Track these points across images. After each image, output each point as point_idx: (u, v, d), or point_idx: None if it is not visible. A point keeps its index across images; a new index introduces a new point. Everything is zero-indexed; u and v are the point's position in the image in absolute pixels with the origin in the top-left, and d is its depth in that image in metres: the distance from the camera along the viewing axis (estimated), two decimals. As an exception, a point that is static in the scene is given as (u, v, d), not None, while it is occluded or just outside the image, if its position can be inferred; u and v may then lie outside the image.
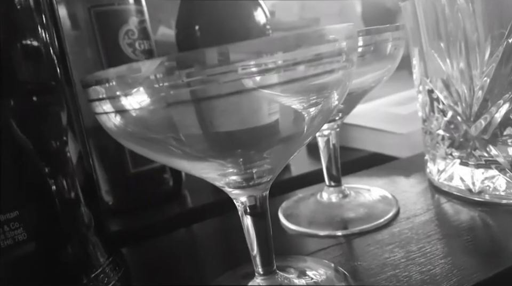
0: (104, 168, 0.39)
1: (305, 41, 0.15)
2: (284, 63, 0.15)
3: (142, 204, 0.40)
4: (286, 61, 0.15)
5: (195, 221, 0.37)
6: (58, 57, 0.22)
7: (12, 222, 0.18)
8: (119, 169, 0.39)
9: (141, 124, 0.18)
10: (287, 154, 0.21)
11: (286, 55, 0.15)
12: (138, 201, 0.40)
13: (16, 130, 0.19)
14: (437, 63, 0.30)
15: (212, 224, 0.36)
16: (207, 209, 0.41)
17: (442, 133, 0.31)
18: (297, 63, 0.15)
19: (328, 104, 0.19)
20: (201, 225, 0.36)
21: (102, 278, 0.22)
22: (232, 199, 0.41)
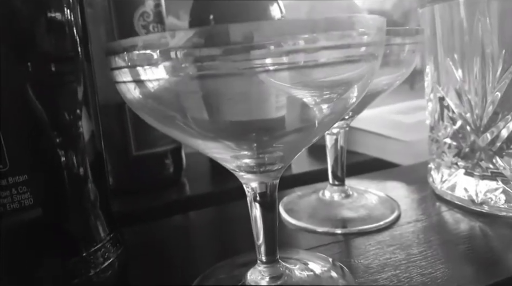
0: (107, 149, 0.39)
1: (334, 27, 0.15)
2: (308, 46, 0.15)
3: (141, 187, 0.40)
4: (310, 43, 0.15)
5: (192, 209, 0.37)
6: (80, 33, 0.21)
7: (20, 185, 0.18)
8: (122, 150, 0.39)
9: (157, 98, 0.18)
10: (299, 145, 0.21)
11: (312, 37, 0.15)
12: (138, 184, 0.40)
13: (31, 96, 0.19)
14: (451, 72, 0.30)
15: (209, 213, 0.36)
16: (205, 199, 0.41)
17: (449, 141, 0.31)
18: (325, 47, 0.15)
19: (345, 100, 0.19)
20: (198, 213, 0.36)
21: (101, 253, 0.22)
22: (229, 191, 0.41)
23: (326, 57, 0.16)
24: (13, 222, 0.18)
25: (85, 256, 0.21)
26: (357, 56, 0.16)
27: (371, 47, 0.17)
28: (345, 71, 0.17)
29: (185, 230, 0.34)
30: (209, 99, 0.18)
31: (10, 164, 0.18)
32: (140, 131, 0.39)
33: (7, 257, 0.18)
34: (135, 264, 0.26)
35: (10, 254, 0.19)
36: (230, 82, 0.16)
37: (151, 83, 0.17)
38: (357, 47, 0.16)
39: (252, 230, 0.21)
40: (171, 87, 0.17)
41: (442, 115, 0.31)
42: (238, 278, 0.22)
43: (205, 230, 0.34)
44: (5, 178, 0.18)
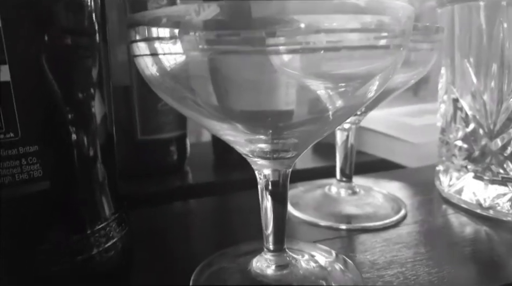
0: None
1: (364, 10, 0.15)
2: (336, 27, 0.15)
3: (144, 172, 0.40)
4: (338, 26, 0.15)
5: (193, 197, 0.37)
6: (98, 11, 0.21)
7: (30, 156, 0.18)
8: (127, 134, 0.39)
9: (173, 76, 0.17)
10: (314, 134, 0.21)
11: (340, 17, 0.15)
12: (140, 169, 0.40)
13: (46, 68, 0.18)
14: (468, 74, 0.29)
15: (211, 202, 0.36)
16: (206, 188, 0.41)
17: (460, 144, 0.31)
18: (352, 29, 0.15)
19: (363, 94, 0.19)
20: (199, 201, 0.36)
21: (105, 232, 0.22)
22: (231, 183, 0.41)
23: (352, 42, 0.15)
24: (21, 193, 0.18)
25: (89, 234, 0.21)
26: (384, 45, 0.16)
27: (398, 38, 0.16)
28: (368, 61, 0.17)
29: (187, 217, 0.34)
30: (223, 82, 0.17)
31: (22, 133, 0.17)
32: (146, 115, 0.39)
33: (11, 228, 0.18)
34: (138, 247, 0.25)
35: (15, 225, 0.18)
36: (245, 64, 0.16)
37: (168, 60, 0.17)
38: (387, 31, 0.16)
39: (253, 220, 0.21)
40: (187, 66, 0.17)
41: (455, 117, 0.31)
42: (242, 265, 0.22)
43: (207, 218, 0.33)
44: (16, 147, 0.17)
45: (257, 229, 0.28)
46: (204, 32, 0.15)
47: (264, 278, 0.20)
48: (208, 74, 0.17)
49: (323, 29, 0.14)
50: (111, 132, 0.23)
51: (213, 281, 0.21)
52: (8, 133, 0.17)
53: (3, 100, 0.17)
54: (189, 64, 0.17)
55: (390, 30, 0.16)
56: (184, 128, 0.43)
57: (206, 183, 0.42)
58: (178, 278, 0.22)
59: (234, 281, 0.20)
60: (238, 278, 0.21)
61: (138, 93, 0.38)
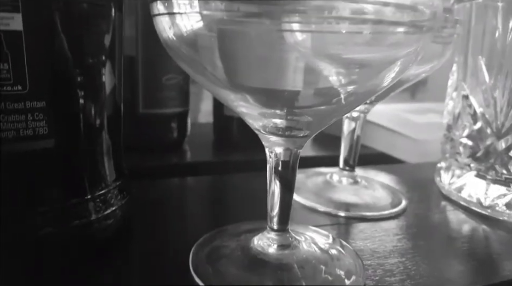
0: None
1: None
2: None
3: (142, 146, 0.39)
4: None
5: (189, 175, 0.37)
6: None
7: (36, 112, 0.17)
8: (129, 106, 0.38)
9: (188, 42, 0.17)
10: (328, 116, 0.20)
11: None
12: (139, 142, 0.39)
13: (59, 26, 0.17)
14: (481, 72, 0.29)
15: (207, 181, 0.36)
16: (204, 167, 0.40)
17: (465, 141, 0.31)
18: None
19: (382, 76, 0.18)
20: (196, 179, 0.36)
21: (106, 198, 0.21)
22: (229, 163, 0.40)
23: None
24: (23, 149, 0.17)
25: (89, 198, 0.20)
26: (417, 27, 0.16)
27: (429, 20, 0.16)
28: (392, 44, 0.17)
29: (184, 192, 0.34)
30: (236, 55, 0.17)
31: (30, 87, 0.17)
32: (150, 89, 0.38)
33: (9, 184, 0.18)
34: (136, 217, 0.25)
35: (13, 182, 0.18)
36: (259, 39, 0.16)
37: (185, 24, 0.17)
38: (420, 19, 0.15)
39: (249, 200, 0.20)
40: (202, 31, 0.16)
41: (463, 114, 0.31)
42: (243, 242, 0.21)
43: (203, 196, 0.33)
44: (23, 101, 0.17)
45: (253, 209, 0.28)
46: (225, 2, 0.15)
47: (265, 256, 0.20)
48: (225, 45, 0.17)
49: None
50: (119, 103, 0.22)
51: (213, 256, 0.20)
52: (16, 85, 0.16)
53: (13, 50, 0.16)
54: (204, 30, 0.16)
55: (421, 10, 0.15)
56: (186, 105, 0.42)
57: (204, 162, 0.41)
58: (177, 250, 0.21)
59: (235, 257, 0.20)
60: (239, 255, 0.20)
61: (143, 65, 0.37)
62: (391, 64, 0.18)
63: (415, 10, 0.15)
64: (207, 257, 0.20)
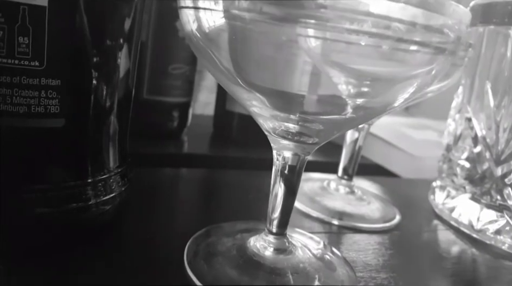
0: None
1: (429, 7, 0.14)
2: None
3: (141, 132, 0.39)
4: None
5: (184, 166, 0.37)
6: None
7: (50, 89, 0.17)
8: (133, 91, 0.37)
9: (209, 38, 0.17)
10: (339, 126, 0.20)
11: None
12: (138, 128, 0.38)
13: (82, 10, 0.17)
14: (487, 96, 0.30)
15: (202, 174, 0.35)
16: (199, 159, 0.40)
17: (463, 163, 0.31)
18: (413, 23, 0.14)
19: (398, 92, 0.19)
20: (191, 171, 0.35)
21: (107, 184, 0.21)
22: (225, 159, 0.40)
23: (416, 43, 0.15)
24: (32, 125, 0.17)
25: (90, 182, 0.20)
26: (440, 49, 0.16)
27: (453, 44, 0.16)
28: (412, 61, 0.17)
29: (179, 184, 0.33)
30: (254, 54, 0.17)
31: (47, 64, 0.16)
32: (155, 76, 0.38)
33: (13, 158, 0.17)
34: (132, 206, 0.25)
35: (18, 156, 0.17)
36: (275, 40, 0.16)
37: (207, 19, 0.17)
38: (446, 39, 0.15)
39: (241, 198, 0.20)
40: (223, 28, 0.16)
41: (464, 136, 0.31)
42: (239, 241, 0.21)
43: (197, 188, 0.33)
44: (38, 77, 0.16)
45: (246, 208, 0.28)
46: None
47: (260, 258, 0.20)
48: (243, 43, 0.17)
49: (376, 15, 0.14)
50: (131, 88, 0.22)
51: (209, 253, 0.20)
52: (33, 60, 0.16)
53: (35, 25, 0.16)
54: (225, 27, 0.16)
55: (445, 33, 0.15)
56: (190, 96, 0.42)
57: (200, 155, 0.41)
58: (171, 242, 0.21)
59: (230, 256, 0.20)
60: (234, 254, 0.20)
61: (152, 51, 0.37)
62: (407, 84, 0.18)
63: (441, 33, 0.15)
64: (202, 253, 0.20)
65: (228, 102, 0.43)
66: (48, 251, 0.19)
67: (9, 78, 0.16)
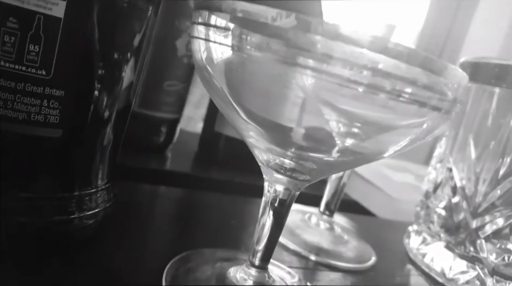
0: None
1: (429, 65, 0.15)
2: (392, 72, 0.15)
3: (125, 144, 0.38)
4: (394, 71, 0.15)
5: (164, 183, 0.36)
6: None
7: (53, 99, 0.17)
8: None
9: (214, 66, 0.18)
10: (330, 167, 0.21)
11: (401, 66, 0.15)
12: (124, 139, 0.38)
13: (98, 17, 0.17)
14: (469, 150, 0.31)
15: (183, 194, 0.35)
16: (181, 178, 0.40)
17: (440, 211, 0.32)
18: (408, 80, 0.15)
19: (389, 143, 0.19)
20: (173, 190, 0.35)
21: (93, 198, 0.21)
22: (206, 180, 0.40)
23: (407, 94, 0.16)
24: (29, 133, 0.17)
25: (77, 195, 0.20)
26: (437, 108, 0.16)
27: (449, 103, 0.17)
28: (407, 116, 0.17)
29: (159, 202, 0.33)
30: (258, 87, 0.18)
31: (54, 74, 0.16)
32: (149, 90, 0.38)
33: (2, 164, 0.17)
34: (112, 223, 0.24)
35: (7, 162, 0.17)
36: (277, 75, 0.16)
37: (216, 50, 0.17)
38: (443, 98, 0.16)
39: (216, 223, 0.20)
40: (230, 61, 0.17)
41: (444, 185, 0.32)
42: (218, 270, 0.21)
43: (178, 210, 0.33)
44: (43, 86, 0.16)
45: (225, 234, 0.28)
46: (256, 37, 0.16)
47: (240, 290, 0.20)
48: (248, 76, 0.18)
49: (384, 71, 0.15)
50: (131, 101, 0.22)
51: (187, 277, 0.20)
52: (41, 69, 0.16)
53: (48, 35, 0.16)
54: (232, 61, 0.17)
55: (444, 93, 0.16)
56: (180, 112, 0.42)
57: (182, 173, 0.41)
58: (149, 264, 0.21)
59: (209, 285, 0.20)
60: (213, 283, 0.20)
61: (149, 65, 0.37)
62: (398, 134, 0.19)
63: (442, 93, 0.16)
64: (181, 279, 0.20)
65: (217, 123, 0.44)
66: (20, 259, 0.18)
67: (13, 83, 0.16)
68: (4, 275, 0.17)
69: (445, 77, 0.16)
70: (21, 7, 0.15)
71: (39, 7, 0.15)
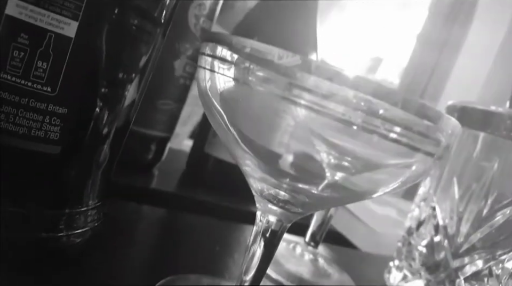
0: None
1: (422, 112, 0.16)
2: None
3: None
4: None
5: (147, 202, 0.36)
6: (170, 9, 0.21)
7: (55, 116, 0.17)
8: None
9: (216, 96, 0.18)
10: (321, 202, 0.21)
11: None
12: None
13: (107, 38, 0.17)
14: (452, 192, 0.32)
15: (167, 214, 0.35)
16: (165, 199, 0.40)
17: (422, 249, 0.33)
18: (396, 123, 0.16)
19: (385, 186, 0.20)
20: (157, 210, 0.35)
21: (81, 217, 0.20)
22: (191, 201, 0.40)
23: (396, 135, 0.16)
24: (27, 147, 0.17)
25: (67, 213, 0.20)
26: (429, 154, 0.17)
27: (441, 149, 0.17)
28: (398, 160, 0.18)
29: (143, 222, 0.33)
30: (259, 118, 0.19)
31: (59, 92, 0.16)
32: (143, 107, 0.38)
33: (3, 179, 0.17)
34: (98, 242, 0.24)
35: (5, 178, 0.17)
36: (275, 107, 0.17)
37: (219, 80, 0.18)
38: (436, 143, 0.17)
39: (198, 247, 0.20)
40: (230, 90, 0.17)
41: (426, 223, 0.33)
42: (204, 298, 0.21)
43: (161, 230, 0.33)
44: (46, 103, 0.16)
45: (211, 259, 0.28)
46: (261, 71, 0.16)
47: (224, 319, 0.20)
48: (248, 107, 0.18)
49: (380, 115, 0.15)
50: (131, 119, 0.22)
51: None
52: (46, 86, 0.16)
53: (57, 53, 0.16)
54: (232, 89, 0.18)
55: (438, 140, 0.17)
56: (171, 131, 0.42)
57: (168, 192, 0.41)
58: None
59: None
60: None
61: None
62: (389, 173, 0.19)
63: (436, 140, 0.17)
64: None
65: (207, 144, 0.44)
66: (4, 274, 0.18)
67: (18, 97, 0.16)
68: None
69: (439, 125, 0.16)
70: (34, 24, 0.15)
71: (51, 25, 0.16)
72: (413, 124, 0.16)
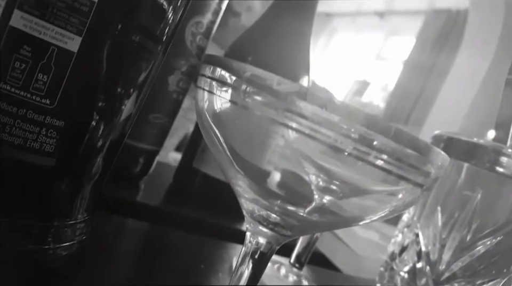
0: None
1: (413, 145, 0.16)
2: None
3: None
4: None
5: (132, 216, 0.35)
6: (172, 27, 0.21)
7: (52, 129, 0.17)
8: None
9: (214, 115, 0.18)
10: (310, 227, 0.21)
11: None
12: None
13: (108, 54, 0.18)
14: (436, 220, 0.32)
15: (153, 229, 0.35)
16: (150, 213, 0.39)
17: (403, 275, 0.33)
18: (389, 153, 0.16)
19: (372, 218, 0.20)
20: (143, 224, 0.34)
21: (69, 230, 0.20)
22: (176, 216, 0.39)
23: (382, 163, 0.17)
24: (20, 158, 0.16)
25: (55, 225, 0.19)
26: (419, 185, 0.18)
27: (430, 180, 0.18)
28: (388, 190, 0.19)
29: (128, 236, 0.32)
30: (251, 138, 0.19)
31: (57, 105, 0.16)
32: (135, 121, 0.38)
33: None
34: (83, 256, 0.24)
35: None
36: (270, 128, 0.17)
37: (216, 102, 0.18)
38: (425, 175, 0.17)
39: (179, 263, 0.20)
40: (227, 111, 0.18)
41: (409, 249, 0.34)
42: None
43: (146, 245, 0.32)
44: (44, 115, 0.16)
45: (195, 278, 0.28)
46: (259, 96, 0.17)
47: None
48: (244, 129, 0.19)
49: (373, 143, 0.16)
50: (126, 133, 0.22)
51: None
52: (45, 98, 0.16)
53: (58, 66, 0.16)
54: (227, 110, 0.18)
55: (428, 173, 0.17)
56: (160, 145, 0.42)
57: (153, 207, 0.40)
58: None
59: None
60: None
61: (137, 95, 0.37)
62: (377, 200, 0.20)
63: (426, 173, 0.17)
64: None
65: (196, 159, 0.44)
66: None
67: (15, 108, 0.16)
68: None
69: (430, 157, 0.17)
70: (38, 37, 0.15)
71: (55, 39, 0.16)
72: (404, 155, 0.17)
